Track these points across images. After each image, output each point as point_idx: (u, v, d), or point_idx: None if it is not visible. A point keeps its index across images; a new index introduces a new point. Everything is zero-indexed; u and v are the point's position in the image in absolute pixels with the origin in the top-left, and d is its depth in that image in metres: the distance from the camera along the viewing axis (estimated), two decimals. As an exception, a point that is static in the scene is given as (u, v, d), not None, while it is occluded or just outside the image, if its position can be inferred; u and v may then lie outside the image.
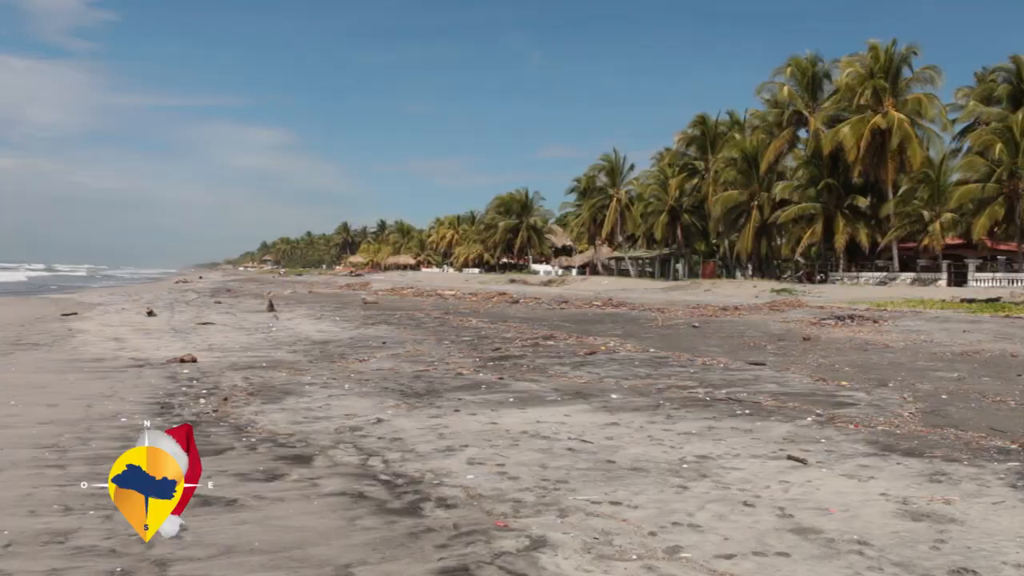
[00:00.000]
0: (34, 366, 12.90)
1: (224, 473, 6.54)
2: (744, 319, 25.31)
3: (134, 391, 10.53)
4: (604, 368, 13.36)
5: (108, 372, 12.32)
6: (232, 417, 8.86)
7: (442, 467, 6.77)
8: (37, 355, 14.46)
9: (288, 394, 10.38)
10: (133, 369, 12.72)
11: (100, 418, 8.76)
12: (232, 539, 5.04)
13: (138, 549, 4.86)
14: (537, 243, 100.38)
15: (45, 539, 5.06)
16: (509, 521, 5.37)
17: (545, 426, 8.52)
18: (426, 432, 8.15)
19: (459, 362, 13.94)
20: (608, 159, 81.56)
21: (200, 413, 9.08)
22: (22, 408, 9.25)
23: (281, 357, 14.55)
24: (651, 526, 5.29)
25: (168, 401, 9.81)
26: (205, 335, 18.83)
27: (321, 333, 19.73)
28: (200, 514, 5.51)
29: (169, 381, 11.40)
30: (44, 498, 5.87)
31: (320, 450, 7.37)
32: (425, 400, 10.05)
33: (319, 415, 9.05)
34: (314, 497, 5.93)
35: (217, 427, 8.34)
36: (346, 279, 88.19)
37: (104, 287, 60.23)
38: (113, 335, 18.47)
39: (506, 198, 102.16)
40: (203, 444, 7.52)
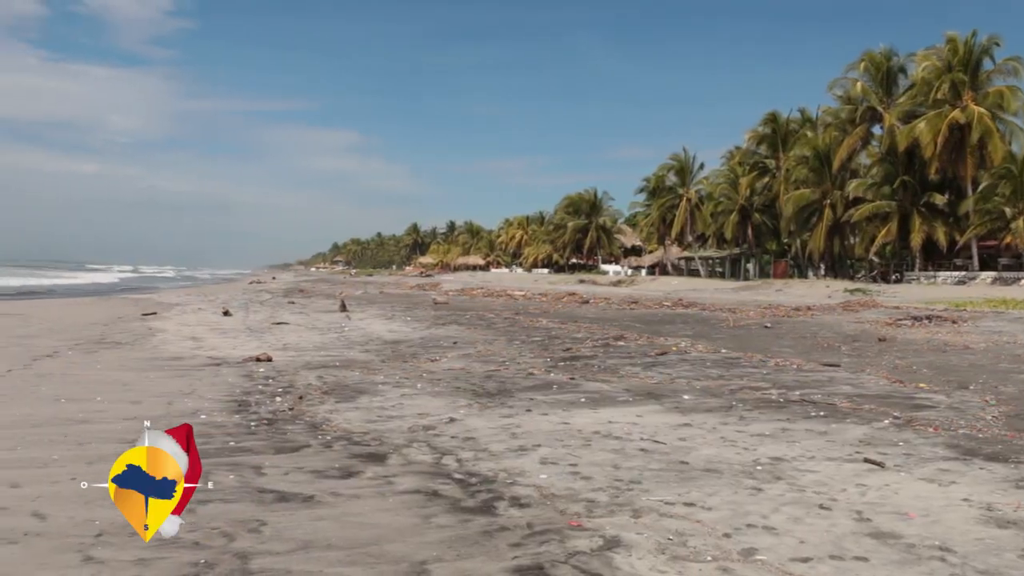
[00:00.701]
0: (117, 364, 13.28)
1: (301, 470, 6.67)
2: (817, 319, 24.90)
3: (212, 389, 10.78)
4: (675, 369, 13.27)
5: (187, 370, 12.63)
6: (307, 415, 9.01)
7: (515, 466, 6.81)
8: (120, 353, 14.88)
9: (361, 393, 10.53)
10: (211, 367, 13.02)
11: (180, 415, 8.98)
12: (310, 534, 5.14)
13: (220, 542, 4.99)
14: (606, 243, 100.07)
15: (131, 531, 5.19)
16: (583, 521, 5.38)
17: (617, 426, 8.50)
18: (498, 432, 8.20)
19: (530, 362, 13.98)
20: (677, 158, 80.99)
21: (276, 411, 9.25)
22: (107, 404, 9.54)
23: (354, 356, 14.75)
24: (726, 528, 5.25)
25: (245, 399, 10.02)
26: (279, 334, 19.17)
27: (392, 333, 19.95)
28: (278, 509, 5.64)
29: (245, 379, 11.65)
30: (130, 492, 6.05)
31: (394, 448, 7.46)
32: (497, 400, 10.11)
33: (392, 414, 9.16)
34: (389, 495, 6.01)
35: (293, 425, 8.50)
36: (416, 280, 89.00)
37: (181, 287, 61.65)
38: (191, 334, 18.91)
39: (575, 198, 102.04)
40: (280, 441, 7.69)
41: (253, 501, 5.82)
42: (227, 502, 5.79)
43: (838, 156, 57.32)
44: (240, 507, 5.68)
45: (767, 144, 68.77)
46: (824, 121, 62.72)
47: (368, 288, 56.74)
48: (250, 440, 7.76)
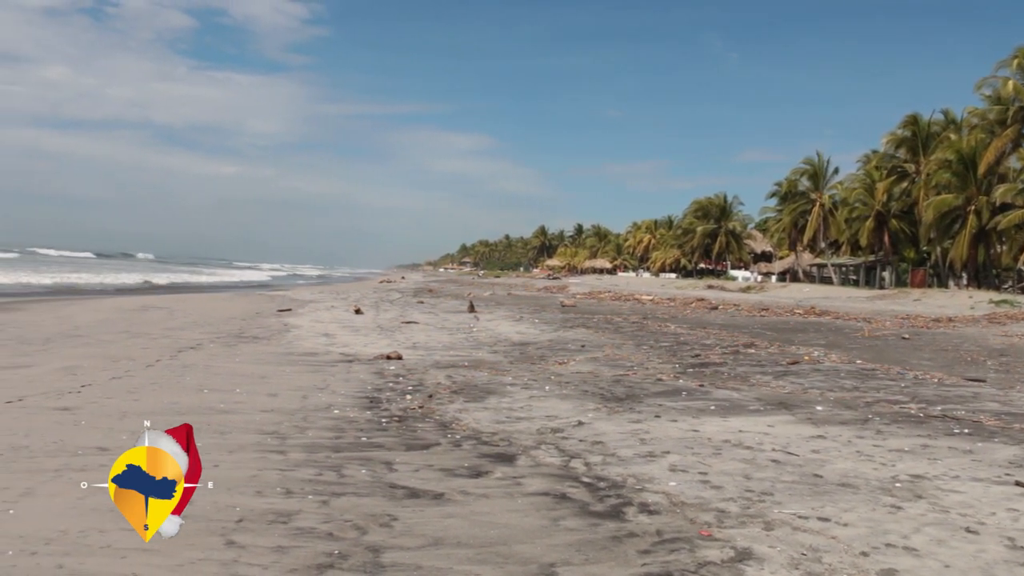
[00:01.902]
0: (255, 358, 13.77)
1: (431, 467, 6.77)
2: (959, 332, 23.83)
3: (344, 385, 11.06)
4: (808, 379, 12.91)
5: (320, 366, 12.99)
6: (437, 414, 9.15)
7: (644, 472, 6.75)
8: (257, 347, 15.43)
9: (490, 393, 10.62)
10: (343, 364, 13.36)
11: (315, 409, 9.26)
12: (440, 531, 5.21)
13: (353, 535, 5.11)
14: (735, 248, 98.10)
15: (271, 518, 5.40)
16: (713, 531, 5.28)
17: (748, 436, 8.32)
18: (627, 436, 8.14)
19: (658, 367, 13.84)
20: (810, 162, 78.64)
21: (407, 409, 9.43)
22: (246, 396, 9.91)
23: (482, 357, 14.90)
24: (863, 546, 5.06)
25: (376, 396, 10.24)
26: (409, 333, 19.52)
27: (520, 335, 20.06)
28: (409, 505, 5.74)
29: (376, 377, 11.90)
30: (268, 480, 6.27)
31: (523, 450, 7.50)
32: (625, 404, 10.04)
33: (521, 415, 9.21)
34: (518, 496, 6.04)
35: (423, 423, 8.64)
36: (544, 282, 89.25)
37: (314, 285, 63.50)
38: (324, 331, 19.45)
39: (704, 202, 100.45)
40: (411, 439, 7.83)
41: (385, 496, 5.94)
42: (359, 496, 5.93)
43: (985, 160, 54.49)
44: (372, 501, 5.81)
45: (906, 147, 65.97)
46: (970, 123, 59.68)
47: (496, 289, 57.24)
48: (381, 436, 7.93)
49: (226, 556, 4.72)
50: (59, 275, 51.43)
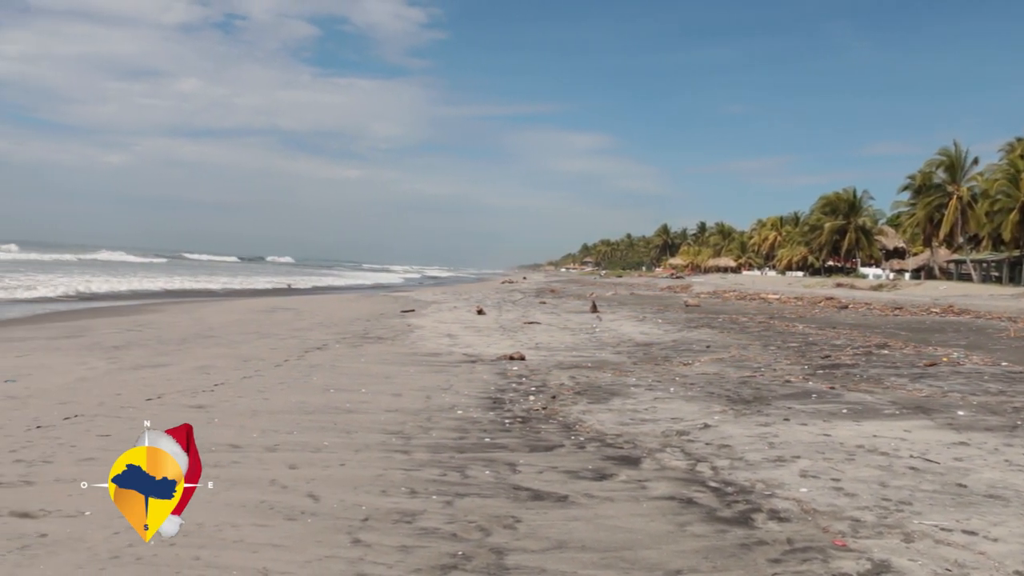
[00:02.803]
0: (379, 358, 14.00)
1: (555, 469, 6.72)
2: (1115, 332, 22.38)
3: (468, 385, 11.12)
4: (947, 381, 12.31)
5: (444, 366, 13.11)
6: (560, 415, 9.10)
7: (773, 478, 6.53)
8: (381, 348, 15.69)
9: (614, 395, 10.51)
10: (466, 364, 13.45)
11: (438, 409, 9.33)
12: (564, 534, 5.15)
13: (477, 536, 5.10)
14: (866, 245, 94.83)
15: (395, 518, 5.44)
16: (848, 541, 5.06)
17: (883, 441, 7.97)
18: (755, 440, 7.91)
19: (786, 369, 13.45)
20: (947, 153, 75.28)
21: (530, 410, 9.40)
22: (371, 396, 10.06)
23: (605, 358, 14.78)
24: (1016, 563, 4.74)
25: (499, 396, 10.25)
26: (531, 334, 19.54)
27: (644, 335, 19.84)
28: (533, 507, 5.70)
29: (499, 377, 11.93)
30: (393, 480, 6.33)
31: (647, 452, 7.37)
32: (752, 407, 9.77)
33: (645, 417, 9.07)
34: (643, 499, 5.93)
35: (547, 424, 8.60)
36: (667, 281, 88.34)
37: (437, 286, 64.41)
38: (446, 332, 19.65)
39: (832, 198, 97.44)
40: (534, 440, 7.79)
41: (508, 498, 5.92)
42: (483, 497, 5.92)
43: None
44: (496, 503, 5.79)
45: (1056, 135, 62.54)
46: None
47: (618, 289, 56.91)
48: (505, 437, 7.92)
49: (352, 554, 4.77)
50: (216, 279, 54.07)
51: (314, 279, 68.65)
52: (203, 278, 54.26)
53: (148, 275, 52.62)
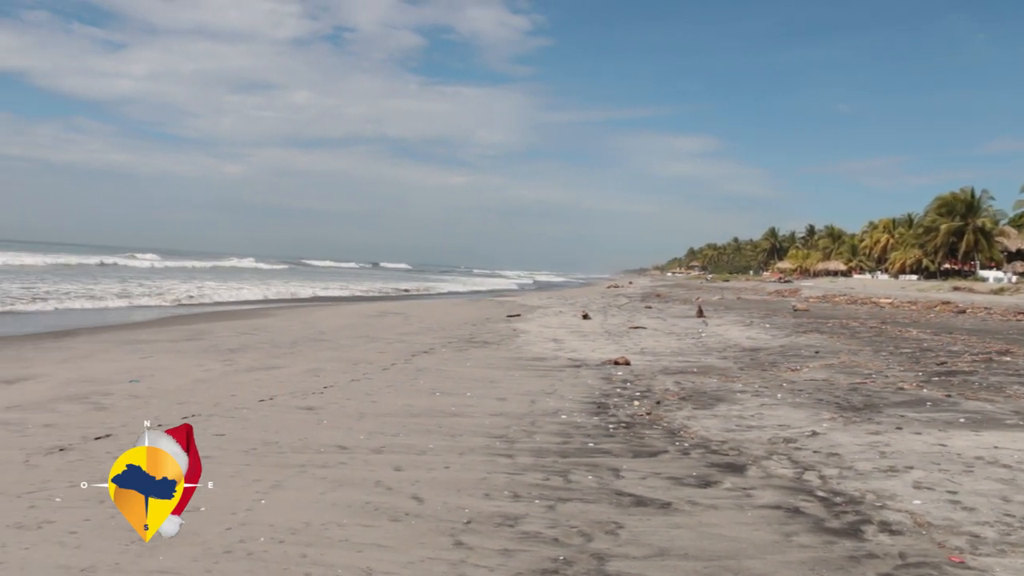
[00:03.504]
0: (485, 362, 14.12)
1: (658, 476, 6.66)
2: None
3: (572, 390, 11.11)
4: (1075, 390, 11.72)
5: (548, 371, 13.13)
6: (665, 421, 9.01)
7: (884, 488, 6.33)
8: (487, 352, 15.82)
9: (719, 400, 10.35)
10: (570, 369, 13.44)
11: (542, 413, 9.35)
12: (666, 542, 5.10)
13: (578, 541, 5.10)
14: (985, 247, 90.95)
15: (498, 521, 5.48)
16: (966, 557, 4.86)
17: (1005, 453, 7.63)
18: (865, 449, 7.68)
19: (899, 376, 13.01)
20: (1077, 152, 71.68)
21: (634, 415, 9.34)
22: (476, 400, 10.15)
23: (711, 363, 14.58)
24: None
25: (604, 401, 10.22)
26: (637, 339, 19.40)
27: (750, 340, 19.49)
28: (635, 513, 5.66)
29: (604, 382, 11.89)
30: (496, 483, 6.38)
31: (753, 460, 7.24)
32: (863, 415, 9.49)
33: (751, 424, 8.91)
34: (747, 508, 5.82)
35: (651, 430, 8.53)
36: (774, 285, 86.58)
37: (543, 291, 64.55)
38: (552, 336, 19.68)
39: (948, 198, 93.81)
40: (638, 446, 7.74)
41: (611, 503, 5.90)
42: (586, 502, 5.92)
43: None
44: (598, 508, 5.78)
45: None
46: None
47: (725, 293, 56.09)
48: (608, 442, 7.89)
49: (454, 556, 4.83)
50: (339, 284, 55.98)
51: (428, 284, 70.05)
52: (328, 284, 56.39)
53: (277, 281, 54.77)
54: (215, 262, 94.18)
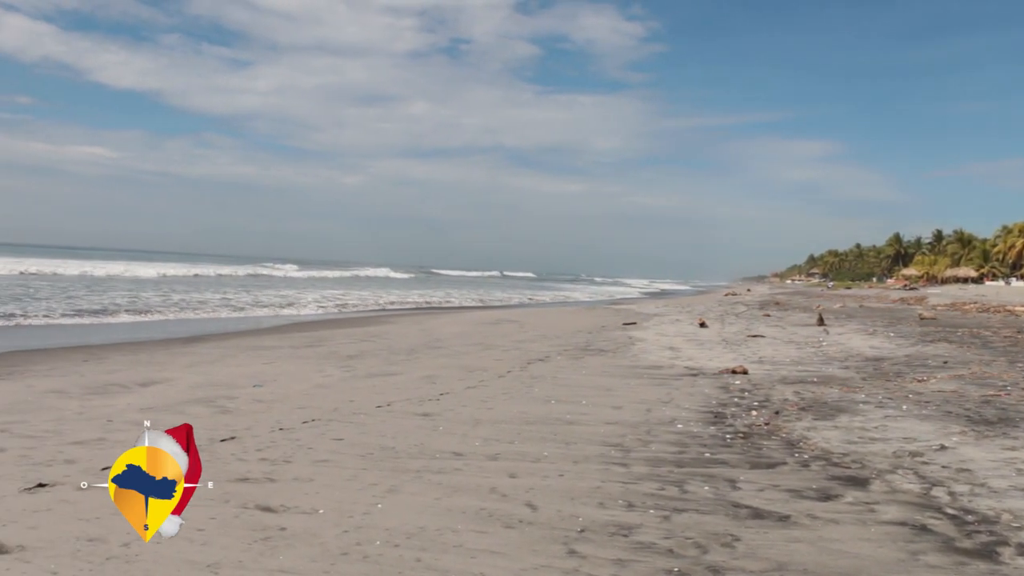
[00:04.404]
0: (600, 370, 14.05)
1: (776, 488, 6.50)
2: None
3: (688, 399, 10.96)
4: None
5: (664, 379, 12.98)
6: (783, 431, 8.79)
7: (1022, 508, 6.02)
8: (602, 360, 15.74)
9: (841, 411, 10.04)
10: (687, 378, 13.26)
11: (658, 422, 9.25)
12: (785, 556, 4.97)
13: (694, 553, 5.02)
14: None
15: (612, 530, 5.44)
16: (1109, 580, 4.59)
17: None
18: (1000, 465, 7.31)
19: (1036, 388, 12.38)
20: None
21: (752, 425, 9.15)
22: (591, 408, 10.11)
23: (832, 373, 14.16)
24: None
25: (721, 411, 10.04)
26: (755, 347, 19.02)
27: (874, 349, 18.85)
28: (752, 526, 5.53)
29: (721, 391, 11.69)
30: (611, 492, 6.33)
31: (877, 473, 6.98)
32: (997, 428, 9.05)
33: (874, 436, 8.60)
34: (871, 523, 5.62)
35: (769, 440, 8.33)
36: (899, 292, 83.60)
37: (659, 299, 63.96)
38: (668, 344, 19.46)
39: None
40: (755, 456, 7.58)
41: (727, 515, 5.79)
42: (701, 513, 5.82)
43: None
44: (714, 520, 5.68)
45: None
46: None
47: (846, 301, 54.42)
48: (725, 453, 7.74)
49: (568, 565, 4.81)
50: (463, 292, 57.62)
51: (551, 293, 70.54)
52: (455, 292, 57.88)
53: (409, 289, 57.05)
54: (354, 271, 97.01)
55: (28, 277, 47.08)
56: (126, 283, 45.99)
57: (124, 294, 35.35)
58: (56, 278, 47.32)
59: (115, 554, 4.86)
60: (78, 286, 39.84)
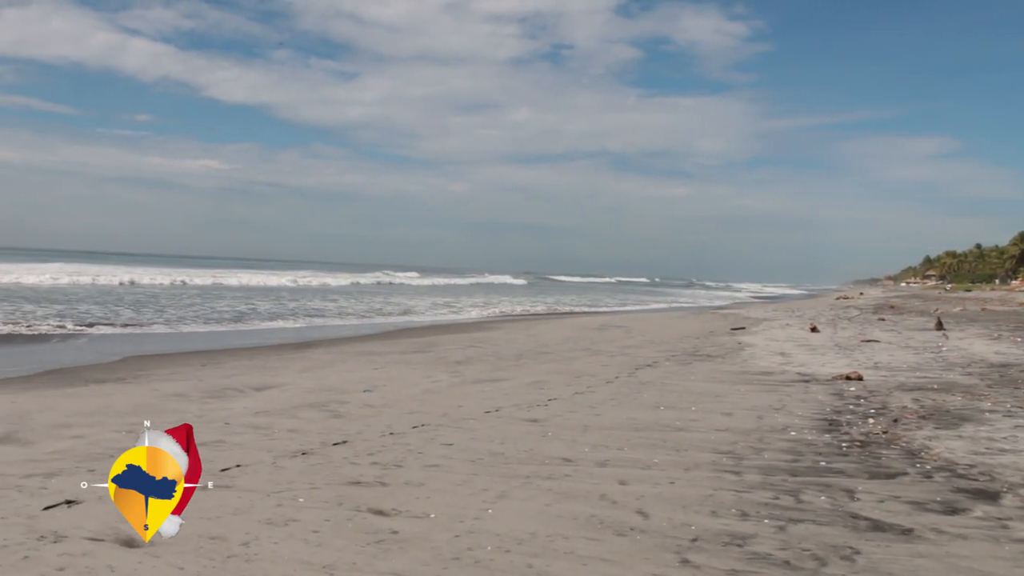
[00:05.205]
0: (709, 376, 13.83)
1: (897, 499, 6.27)
2: None
3: (801, 406, 10.68)
4: None
5: (775, 386, 12.69)
6: (903, 440, 8.48)
7: None
8: (711, 366, 15.50)
9: (964, 420, 9.63)
10: (799, 384, 12.93)
11: (770, 430, 9.04)
12: (909, 571, 4.79)
13: (812, 565, 4.88)
14: None
15: (725, 540, 5.32)
16: None
17: None
18: None
19: None
20: None
21: (869, 433, 8.85)
22: (701, 414, 9.95)
23: (954, 379, 13.61)
24: None
25: (835, 418, 9.75)
26: (869, 353, 18.44)
27: (999, 355, 18.05)
28: (873, 539, 5.34)
29: (835, 398, 11.36)
30: (724, 501, 6.20)
31: (1008, 487, 6.65)
32: None
33: (1004, 447, 8.21)
34: (1003, 540, 5.35)
35: (888, 450, 8.04)
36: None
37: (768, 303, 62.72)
38: (778, 350, 19.03)
39: None
40: (874, 466, 7.32)
41: (846, 527, 5.60)
42: (818, 524, 5.65)
43: None
44: (832, 531, 5.50)
45: None
46: None
47: (967, 304, 52.34)
48: (841, 462, 7.51)
49: (681, 574, 4.73)
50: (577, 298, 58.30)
51: (663, 298, 70.24)
52: (566, 298, 58.64)
53: (526, 296, 58.68)
54: (474, 279, 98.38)
55: (185, 287, 48.72)
56: (259, 291, 47.71)
57: (270, 302, 37.50)
58: (197, 288, 48.98)
59: (235, 552, 4.99)
60: (210, 294, 41.89)
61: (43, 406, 10.24)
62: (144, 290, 42.69)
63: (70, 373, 14.10)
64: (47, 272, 46.75)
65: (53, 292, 36.22)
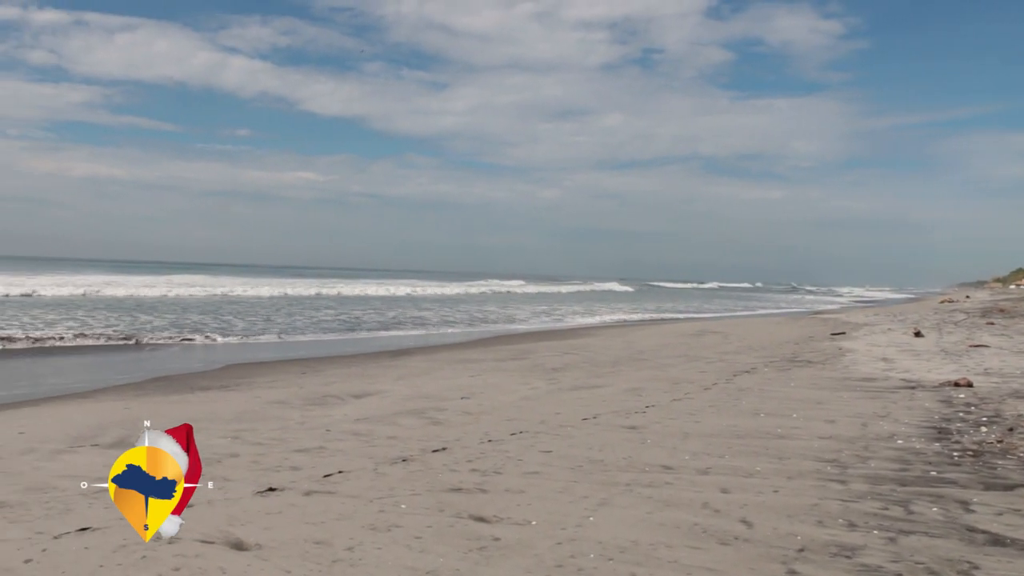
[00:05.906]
0: (809, 382, 13.53)
1: (1017, 512, 6.01)
2: None
3: (907, 413, 10.37)
4: None
5: (879, 392, 12.35)
6: (1020, 450, 8.14)
7: None
8: (811, 371, 15.16)
9: (1085, 429, 9.21)
10: (904, 391, 12.56)
11: (876, 438, 8.79)
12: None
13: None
14: None
15: (833, 551, 5.19)
16: None
17: None
18: None
19: None
20: None
21: (982, 442, 8.54)
22: (803, 422, 9.74)
23: (1071, 386, 13.04)
24: None
25: (945, 426, 9.44)
26: (979, 358, 17.79)
27: (1118, 361, 17.24)
28: (992, 554, 5.17)
29: (943, 405, 10.99)
30: (830, 510, 6.06)
31: None
32: None
33: None
34: None
35: (1004, 460, 7.73)
36: None
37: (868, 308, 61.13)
38: (881, 355, 18.51)
39: None
40: (988, 476, 7.06)
41: (961, 540, 5.41)
42: (931, 536, 5.47)
43: None
44: (946, 544, 5.32)
45: None
46: None
47: (1082, 308, 50.14)
48: (953, 472, 7.26)
49: (790, 586, 4.64)
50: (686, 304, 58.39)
51: (762, 304, 69.42)
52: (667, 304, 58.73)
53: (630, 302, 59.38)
54: (578, 286, 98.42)
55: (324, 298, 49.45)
56: (377, 301, 48.68)
57: (408, 311, 38.56)
58: (310, 298, 49.86)
59: (340, 557, 5.08)
60: (331, 302, 43.44)
61: (152, 412, 10.61)
62: (246, 301, 43.81)
63: (177, 380, 14.59)
64: (157, 284, 48.41)
65: (161, 304, 37.51)
